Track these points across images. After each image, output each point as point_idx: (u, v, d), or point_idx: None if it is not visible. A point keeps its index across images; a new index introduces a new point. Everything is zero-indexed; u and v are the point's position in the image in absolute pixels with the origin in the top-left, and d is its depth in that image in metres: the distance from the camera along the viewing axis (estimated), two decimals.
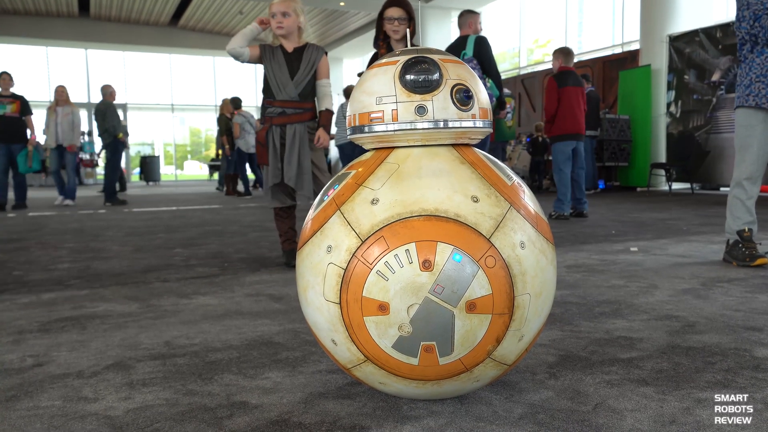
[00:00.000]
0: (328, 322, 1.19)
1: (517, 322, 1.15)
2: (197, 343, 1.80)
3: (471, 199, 1.15)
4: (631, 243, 3.78)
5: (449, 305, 1.08)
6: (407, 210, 1.13)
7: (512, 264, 1.13)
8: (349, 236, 1.14)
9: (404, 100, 1.20)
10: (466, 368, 1.16)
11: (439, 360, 1.13)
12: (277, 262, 3.30)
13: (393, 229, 1.12)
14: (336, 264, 1.14)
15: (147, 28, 20.78)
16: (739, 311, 2.04)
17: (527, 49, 16.45)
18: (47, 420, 1.27)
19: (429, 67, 1.21)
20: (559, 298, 2.27)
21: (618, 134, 10.08)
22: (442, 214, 1.12)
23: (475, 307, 1.10)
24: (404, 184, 1.16)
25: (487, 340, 1.13)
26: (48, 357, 1.70)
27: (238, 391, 1.40)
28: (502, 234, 1.13)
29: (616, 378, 1.43)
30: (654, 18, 10.21)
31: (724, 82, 9.10)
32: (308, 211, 1.34)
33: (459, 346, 1.12)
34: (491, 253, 1.11)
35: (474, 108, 1.24)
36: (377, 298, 1.10)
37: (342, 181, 1.26)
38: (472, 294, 1.09)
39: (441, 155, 1.23)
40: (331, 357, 1.29)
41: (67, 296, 2.53)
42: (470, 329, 1.11)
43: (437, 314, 1.09)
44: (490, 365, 1.18)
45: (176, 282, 2.80)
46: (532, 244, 1.17)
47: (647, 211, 6.11)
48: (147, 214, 7.10)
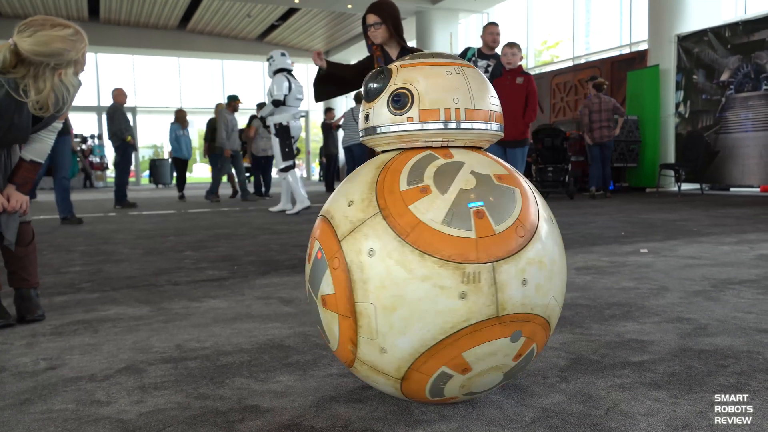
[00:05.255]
0: None
1: (365, 329, 1.15)
2: (208, 346, 1.81)
3: (348, 203, 1.22)
4: (641, 244, 3.76)
5: (314, 296, 1.26)
6: (322, 209, 1.32)
7: (352, 269, 1.15)
8: None
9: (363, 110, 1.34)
10: (349, 364, 1.26)
11: (331, 347, 1.29)
12: (287, 265, 3.31)
13: (317, 225, 1.33)
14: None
15: (156, 32, 20.88)
16: (751, 313, 2.03)
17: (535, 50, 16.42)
18: (61, 423, 1.27)
19: (384, 77, 1.29)
20: (570, 301, 2.26)
21: (626, 135, 10.03)
22: (325, 214, 1.28)
23: (325, 302, 1.21)
24: (343, 185, 1.32)
25: (344, 339, 1.21)
26: (61, 360, 1.71)
27: (249, 395, 1.41)
28: (353, 239, 1.16)
29: (628, 381, 1.42)
30: (662, 18, 10.16)
31: (733, 81, 9.05)
32: None
33: (332, 338, 1.25)
34: (338, 255, 1.18)
35: (412, 111, 1.24)
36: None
37: None
38: (323, 291, 1.21)
39: (382, 160, 1.30)
40: None
41: (78, 299, 2.55)
42: (327, 321, 1.23)
43: (312, 303, 1.29)
44: (367, 369, 1.22)
45: (186, 285, 2.81)
46: (387, 254, 1.11)
47: (656, 212, 6.07)
48: (156, 216, 7.14)
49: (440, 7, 15.74)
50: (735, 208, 6.40)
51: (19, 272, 2.21)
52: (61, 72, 1.98)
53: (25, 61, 1.93)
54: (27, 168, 2.17)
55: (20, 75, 1.93)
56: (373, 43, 3.36)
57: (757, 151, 8.76)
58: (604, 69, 11.91)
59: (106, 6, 18.43)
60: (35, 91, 1.94)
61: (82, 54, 2.05)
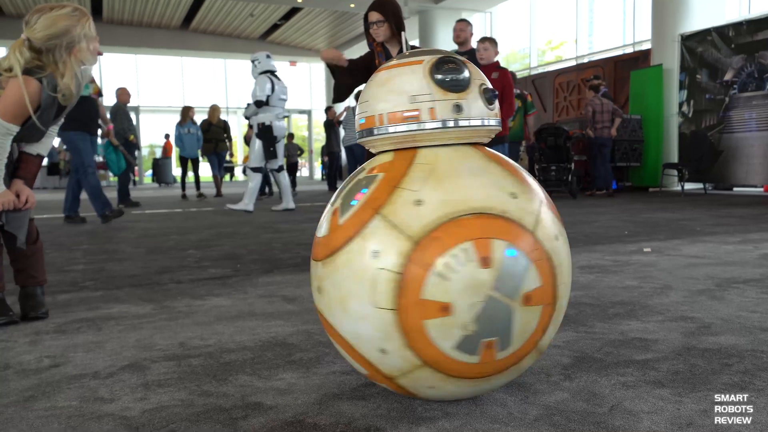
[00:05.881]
0: (379, 330, 1.14)
1: (557, 312, 1.22)
2: (211, 344, 1.81)
3: (510, 195, 1.18)
4: (644, 243, 3.76)
5: (509, 299, 1.11)
6: (457, 209, 1.13)
7: (552, 256, 1.17)
8: (398, 239, 1.12)
9: (441, 99, 1.22)
10: (517, 360, 1.20)
11: (496, 355, 1.15)
12: (290, 264, 3.31)
13: (446, 230, 1.11)
14: (388, 269, 1.11)
15: (159, 32, 20.92)
16: (756, 312, 2.02)
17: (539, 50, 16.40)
18: (64, 420, 1.28)
19: (457, 67, 1.24)
20: (573, 299, 2.26)
21: (630, 134, 10.01)
22: (489, 211, 1.14)
23: (530, 299, 1.14)
24: (446, 184, 1.16)
25: (538, 331, 1.18)
26: (64, 358, 1.71)
27: (252, 392, 1.41)
28: (542, 228, 1.18)
29: (632, 380, 1.42)
30: (666, 17, 10.14)
31: (736, 81, 9.02)
32: (321, 219, 1.31)
33: (516, 339, 1.15)
34: (537, 246, 1.15)
35: (496, 107, 1.29)
36: (439, 299, 1.09)
37: (370, 185, 1.22)
38: (527, 287, 1.13)
39: (470, 154, 1.25)
40: (368, 369, 1.23)
41: (82, 297, 2.55)
42: (526, 321, 1.15)
43: (499, 309, 1.11)
44: (533, 356, 1.23)
45: (190, 283, 2.82)
46: (563, 237, 1.25)
47: (660, 212, 6.06)
48: (160, 215, 7.15)
49: (443, 6, 15.74)
50: (738, 208, 6.38)
51: (28, 270, 2.21)
52: (75, 50, 2.04)
53: (42, 52, 1.98)
54: (33, 162, 2.18)
55: (48, 69, 1.99)
56: (375, 40, 3.36)
57: (760, 150, 8.73)
58: (607, 68, 11.89)
59: (109, 5, 18.47)
60: (60, 77, 2.00)
61: (89, 27, 2.09)
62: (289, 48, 22.69)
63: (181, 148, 10.75)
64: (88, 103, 5.81)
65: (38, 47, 1.98)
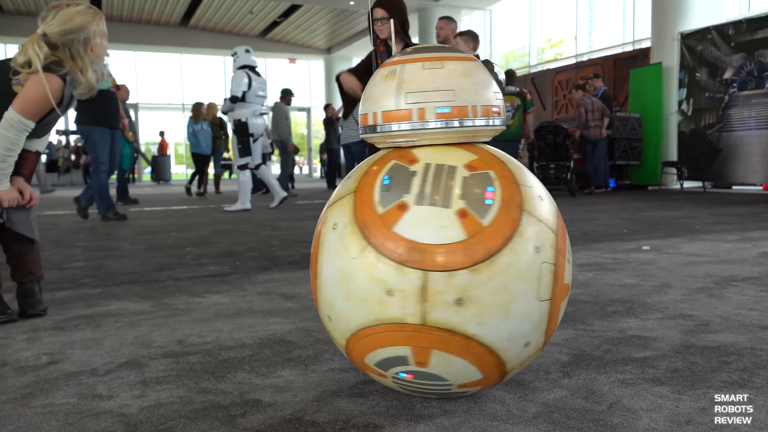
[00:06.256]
0: (534, 323, 1.17)
1: None
2: (210, 341, 1.81)
3: None
4: (643, 242, 3.75)
5: None
6: None
7: None
8: (547, 233, 1.20)
9: None
10: None
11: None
12: (288, 261, 3.31)
13: (561, 220, 1.28)
14: (549, 262, 1.18)
15: (158, 28, 20.88)
16: (754, 310, 2.02)
17: (539, 48, 16.39)
18: (62, 417, 1.27)
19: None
20: (572, 297, 2.26)
21: (629, 132, 10.01)
22: None
23: None
24: None
25: None
26: (62, 355, 1.71)
27: (251, 390, 1.40)
28: None
29: (631, 377, 1.42)
30: (665, 15, 10.13)
31: (736, 79, 9.02)
32: (422, 225, 1.15)
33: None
34: None
35: None
36: (568, 282, 1.25)
37: (491, 184, 1.16)
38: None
39: None
40: (491, 370, 1.18)
41: (80, 294, 2.55)
42: None
43: None
44: None
45: (188, 280, 2.81)
46: None
47: (659, 210, 6.06)
48: (158, 213, 7.14)
49: (443, 4, 15.71)
50: (737, 206, 6.38)
51: (25, 266, 2.20)
52: (91, 45, 2.06)
53: (58, 47, 1.99)
54: (34, 159, 2.19)
55: (67, 65, 2.00)
56: (378, 37, 3.36)
57: (760, 149, 8.74)
58: (606, 66, 11.88)
59: (108, 2, 18.43)
60: (80, 73, 2.03)
61: (103, 25, 2.12)
62: (288, 45, 22.65)
63: (195, 144, 10.69)
64: (109, 96, 5.65)
65: (54, 42, 1.99)
